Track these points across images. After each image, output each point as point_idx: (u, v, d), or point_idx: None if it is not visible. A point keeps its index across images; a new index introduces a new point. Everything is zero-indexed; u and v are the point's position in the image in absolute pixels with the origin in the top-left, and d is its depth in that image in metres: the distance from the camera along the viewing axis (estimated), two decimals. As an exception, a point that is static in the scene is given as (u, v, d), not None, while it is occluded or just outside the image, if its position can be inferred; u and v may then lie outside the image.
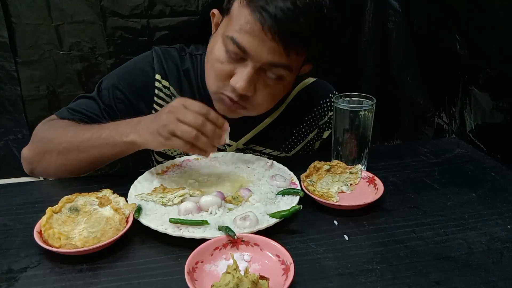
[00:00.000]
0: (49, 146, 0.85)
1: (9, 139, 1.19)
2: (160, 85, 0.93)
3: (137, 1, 1.11)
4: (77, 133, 0.83)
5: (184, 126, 0.71)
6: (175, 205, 0.76)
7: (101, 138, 0.80)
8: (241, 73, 0.79)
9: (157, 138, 0.74)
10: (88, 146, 0.81)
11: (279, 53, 0.77)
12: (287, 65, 0.79)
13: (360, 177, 0.85)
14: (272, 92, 0.84)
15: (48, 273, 0.62)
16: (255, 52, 0.77)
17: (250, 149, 0.99)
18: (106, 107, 0.91)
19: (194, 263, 0.60)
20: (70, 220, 0.70)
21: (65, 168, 0.86)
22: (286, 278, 0.58)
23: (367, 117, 0.85)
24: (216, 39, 0.83)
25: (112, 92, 0.92)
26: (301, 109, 1.00)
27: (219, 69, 0.81)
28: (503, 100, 0.96)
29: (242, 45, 0.77)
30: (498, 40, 0.94)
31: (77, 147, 0.82)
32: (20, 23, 1.08)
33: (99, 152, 0.82)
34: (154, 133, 0.74)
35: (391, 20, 1.29)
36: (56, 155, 0.84)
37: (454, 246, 0.68)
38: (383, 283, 0.60)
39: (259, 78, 0.80)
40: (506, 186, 0.86)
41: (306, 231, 0.72)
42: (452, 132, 1.19)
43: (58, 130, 0.86)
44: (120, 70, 0.96)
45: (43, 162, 0.86)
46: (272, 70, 0.80)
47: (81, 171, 0.88)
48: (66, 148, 0.83)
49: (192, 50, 0.98)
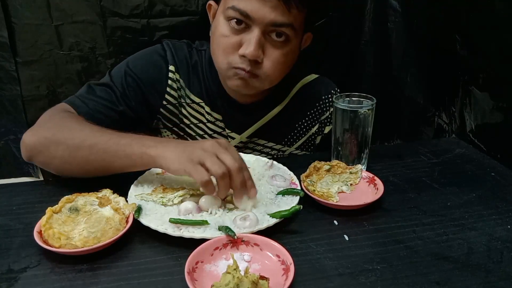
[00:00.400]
0: (58, 138, 0.77)
1: (9, 139, 1.18)
2: (174, 77, 0.94)
3: (137, 1, 1.11)
4: (94, 132, 0.77)
5: (218, 162, 0.68)
6: (175, 205, 0.76)
7: (119, 145, 0.74)
8: (248, 40, 0.81)
9: (182, 158, 0.69)
10: (102, 148, 0.75)
11: (281, 11, 0.78)
12: (290, 23, 0.81)
13: (360, 177, 0.85)
14: (280, 57, 0.85)
15: (48, 273, 0.63)
16: (257, 14, 0.78)
17: (253, 142, 1.00)
18: (121, 94, 0.89)
19: (194, 263, 0.60)
20: (70, 220, 0.70)
21: (69, 166, 0.79)
22: (286, 278, 0.58)
23: (367, 117, 0.85)
24: (217, 20, 0.85)
25: (125, 79, 0.91)
26: (304, 104, 1.01)
27: (226, 43, 0.83)
28: (503, 100, 0.96)
29: (244, 9, 0.78)
30: (498, 40, 0.95)
31: (89, 146, 0.75)
32: (20, 23, 1.08)
33: (110, 158, 0.75)
34: (185, 154, 0.69)
35: (391, 20, 1.29)
36: (64, 149, 0.77)
37: (454, 246, 0.68)
38: (383, 283, 0.60)
39: (266, 42, 0.82)
40: (506, 186, 0.86)
41: (306, 231, 0.72)
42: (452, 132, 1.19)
43: (72, 123, 0.80)
44: (131, 59, 0.95)
45: (46, 153, 0.79)
46: (276, 31, 0.81)
47: (83, 173, 0.81)
48: (77, 145, 0.76)
49: (197, 45, 1.00)
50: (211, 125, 0.98)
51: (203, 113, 0.98)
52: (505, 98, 0.96)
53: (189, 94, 0.96)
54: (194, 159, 0.68)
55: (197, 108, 0.97)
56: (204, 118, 0.98)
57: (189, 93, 0.96)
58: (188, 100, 0.96)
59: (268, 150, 1.01)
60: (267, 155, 1.02)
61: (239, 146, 0.99)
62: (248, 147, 1.01)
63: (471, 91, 1.06)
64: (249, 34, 0.81)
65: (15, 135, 1.18)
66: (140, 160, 0.73)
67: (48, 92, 1.16)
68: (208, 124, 0.98)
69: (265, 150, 1.01)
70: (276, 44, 0.84)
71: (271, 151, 1.01)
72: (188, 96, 0.96)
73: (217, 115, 0.97)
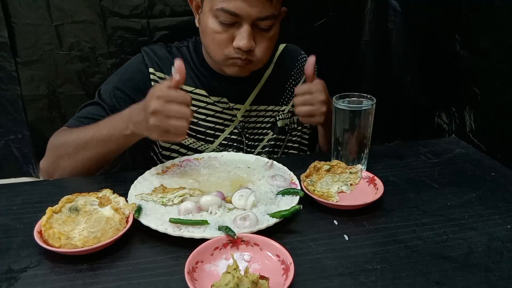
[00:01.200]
0: (60, 152, 0.91)
1: (9, 139, 1.19)
2: (155, 77, 1.01)
3: (137, 1, 1.11)
4: (79, 135, 0.89)
5: (175, 122, 0.78)
6: (175, 205, 0.76)
7: (103, 136, 0.86)
8: (240, 34, 0.89)
9: (151, 134, 0.81)
10: (92, 144, 0.87)
11: (264, 5, 0.88)
12: (273, 14, 0.90)
13: (360, 177, 0.85)
14: (268, 42, 0.95)
15: (48, 273, 0.63)
16: (245, 12, 0.87)
17: (256, 110, 1.07)
18: (111, 108, 0.96)
19: (194, 263, 0.60)
20: (70, 220, 0.70)
21: (78, 169, 0.91)
22: (286, 278, 0.58)
23: (367, 117, 0.85)
24: (206, 17, 0.92)
25: (113, 94, 0.98)
26: (286, 66, 1.12)
27: (219, 39, 0.91)
28: (503, 100, 0.96)
29: (233, 10, 0.87)
30: (498, 40, 0.95)
31: (83, 147, 0.88)
32: (20, 23, 1.08)
33: (106, 149, 0.88)
34: (145, 127, 0.80)
35: (391, 20, 1.29)
36: (67, 158, 0.90)
37: (454, 246, 0.68)
38: (383, 283, 0.60)
39: (255, 32, 0.91)
40: (506, 186, 0.86)
41: (306, 231, 0.72)
42: (452, 132, 1.19)
43: (66, 136, 0.93)
44: (115, 74, 1.04)
45: (58, 169, 0.92)
46: (262, 23, 0.91)
47: (93, 168, 0.93)
48: (74, 150, 0.89)
49: (177, 44, 1.07)
50: (212, 106, 1.03)
51: (200, 98, 1.03)
52: (505, 98, 0.95)
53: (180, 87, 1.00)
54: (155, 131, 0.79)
55: (193, 96, 1.02)
56: (203, 103, 1.03)
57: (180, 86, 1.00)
58: None
59: (270, 113, 1.09)
60: (270, 117, 1.09)
61: (245, 115, 1.06)
62: (253, 115, 1.07)
63: (471, 91, 1.06)
64: (240, 28, 0.90)
65: (15, 135, 1.18)
66: (128, 139, 0.86)
67: (48, 92, 1.16)
68: (209, 106, 1.03)
69: (268, 114, 1.09)
70: (264, 32, 0.93)
71: (273, 113, 1.09)
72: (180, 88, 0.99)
73: (215, 98, 1.03)
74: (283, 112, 1.10)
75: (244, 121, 1.06)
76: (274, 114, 1.09)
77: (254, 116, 1.08)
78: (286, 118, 1.10)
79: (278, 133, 1.10)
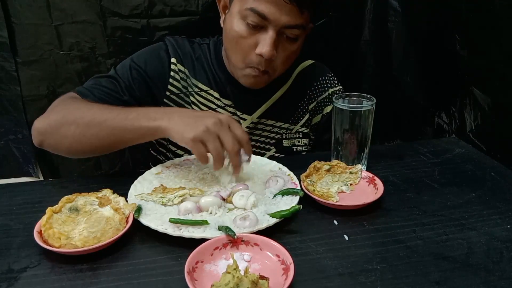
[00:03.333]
0: (69, 119, 0.82)
1: (9, 139, 1.18)
2: (175, 68, 1.00)
3: (137, 1, 1.11)
4: (102, 110, 0.82)
5: (219, 146, 0.75)
6: (175, 205, 0.76)
7: (127, 119, 0.79)
8: (264, 40, 0.87)
9: (187, 134, 0.74)
10: (111, 124, 0.80)
11: (295, 14, 0.85)
12: (301, 25, 0.87)
13: (360, 177, 0.85)
14: (289, 53, 0.92)
15: (48, 273, 0.63)
16: (274, 17, 0.84)
17: (263, 123, 1.05)
18: (126, 86, 0.94)
19: (194, 263, 0.60)
20: (70, 220, 0.70)
21: (80, 144, 0.82)
22: (286, 278, 0.58)
23: (367, 117, 0.85)
24: (232, 18, 0.90)
25: (129, 72, 0.96)
26: (304, 84, 1.09)
27: (243, 43, 0.89)
28: (503, 100, 0.96)
29: (262, 12, 0.84)
30: (498, 40, 0.95)
31: (99, 123, 0.80)
32: (20, 23, 1.08)
33: (120, 134, 0.80)
34: (188, 128, 0.75)
35: (391, 20, 1.29)
36: (75, 128, 0.81)
37: (454, 246, 0.68)
38: (383, 283, 0.60)
39: (279, 41, 0.88)
40: (506, 186, 0.86)
41: (306, 231, 0.72)
42: (452, 132, 1.19)
43: (81, 104, 0.86)
44: (135, 55, 1.00)
45: (57, 135, 0.82)
46: (289, 32, 0.88)
47: (95, 150, 0.87)
48: (88, 123, 0.81)
49: (199, 40, 1.06)
50: (221, 110, 1.02)
51: (213, 100, 1.02)
52: (505, 98, 0.96)
53: (196, 83, 1.01)
54: (196, 137, 0.74)
55: (206, 96, 1.02)
56: (214, 105, 1.02)
57: (196, 82, 1.01)
58: (196, 89, 1.01)
59: (277, 130, 1.06)
60: (276, 134, 1.07)
61: (250, 127, 1.04)
62: (259, 128, 1.05)
63: (471, 91, 1.06)
64: (265, 34, 0.87)
65: (15, 135, 1.18)
66: (148, 132, 0.79)
67: (48, 92, 1.16)
68: (218, 109, 1.02)
69: (274, 130, 1.06)
70: (288, 43, 0.90)
71: (280, 130, 1.07)
72: (195, 85, 1.01)
73: (227, 101, 1.02)
74: (290, 131, 1.07)
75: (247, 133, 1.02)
76: (281, 132, 1.06)
77: (259, 129, 1.05)
78: (292, 138, 1.07)
79: (281, 152, 1.06)
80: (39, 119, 0.86)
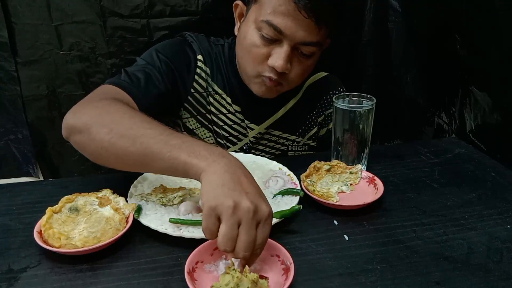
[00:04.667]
0: (104, 120, 0.70)
1: (9, 139, 1.18)
2: (202, 66, 0.98)
3: (137, 1, 1.11)
4: (143, 123, 0.69)
5: (231, 236, 0.56)
6: (175, 205, 0.76)
7: (167, 144, 0.64)
8: (278, 53, 0.84)
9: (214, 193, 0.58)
10: (147, 143, 0.65)
11: (311, 31, 0.82)
12: (317, 42, 0.85)
13: (360, 177, 0.85)
14: (305, 68, 0.90)
15: (48, 273, 0.63)
16: (290, 32, 0.82)
17: (269, 133, 1.04)
18: (160, 73, 0.90)
19: (194, 263, 0.60)
20: (70, 220, 0.70)
21: (106, 153, 0.69)
22: (286, 278, 0.58)
23: (367, 117, 0.85)
24: (247, 27, 0.88)
25: (159, 62, 0.91)
26: (314, 97, 1.07)
27: (256, 53, 0.86)
28: (503, 100, 0.96)
29: (278, 26, 0.81)
30: (498, 40, 0.94)
31: (134, 137, 0.66)
32: (20, 23, 1.08)
33: (152, 157, 0.65)
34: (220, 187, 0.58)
35: (391, 20, 1.29)
36: (106, 133, 0.68)
37: (454, 246, 0.68)
38: (383, 283, 0.60)
39: (293, 55, 0.86)
40: (506, 186, 0.86)
41: (306, 231, 0.72)
42: (452, 132, 1.19)
43: (124, 108, 0.73)
44: (159, 47, 0.95)
45: (86, 134, 0.70)
46: (305, 48, 0.86)
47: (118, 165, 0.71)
48: (122, 132, 0.67)
49: (213, 40, 1.04)
50: (231, 115, 1.02)
51: (225, 104, 1.01)
52: (505, 98, 0.96)
53: (213, 85, 1.00)
54: (217, 210, 0.57)
55: (219, 99, 1.01)
56: (225, 109, 1.01)
57: (213, 84, 1.00)
58: (212, 91, 1.00)
59: (283, 141, 1.05)
60: (282, 145, 1.06)
61: (256, 137, 1.03)
62: (265, 138, 1.04)
63: (471, 91, 1.06)
64: (279, 47, 0.85)
65: (15, 135, 1.18)
66: (183, 167, 0.63)
67: (48, 92, 1.16)
68: (229, 115, 1.01)
69: (280, 141, 1.05)
70: (303, 58, 0.88)
71: (286, 141, 1.06)
72: (212, 86, 1.00)
73: (237, 107, 1.01)
74: (297, 143, 1.06)
75: (253, 142, 1.03)
76: (287, 143, 1.05)
77: (265, 139, 1.05)
78: (299, 150, 1.06)
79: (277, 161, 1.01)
80: (71, 113, 0.75)
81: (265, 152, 1.05)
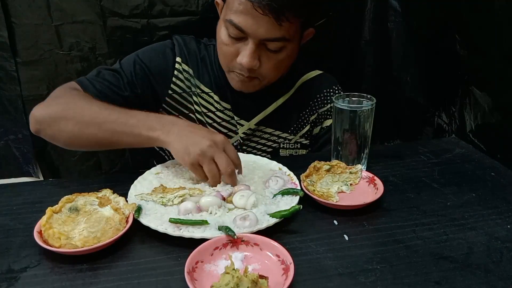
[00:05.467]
0: (68, 114, 0.83)
1: (9, 139, 1.19)
2: (180, 68, 1.00)
3: (137, 1, 1.11)
4: (102, 110, 0.83)
5: (214, 168, 0.78)
6: (175, 205, 0.76)
7: (127, 125, 0.80)
8: (244, 50, 0.87)
9: (183, 153, 0.78)
10: (111, 127, 0.81)
11: (272, 27, 0.83)
12: (282, 37, 0.86)
13: (360, 177, 0.85)
14: (277, 62, 0.91)
15: (48, 273, 0.63)
16: (252, 30, 0.84)
17: (261, 130, 1.05)
18: (129, 81, 0.95)
19: (194, 263, 0.60)
20: (70, 220, 0.70)
21: (77, 140, 0.84)
22: (286, 278, 0.58)
23: (367, 117, 0.85)
24: (220, 25, 0.91)
25: (133, 68, 0.97)
26: (307, 95, 1.07)
27: (226, 51, 0.90)
28: (503, 100, 0.96)
29: (239, 25, 0.84)
30: (498, 40, 0.94)
31: (98, 124, 0.81)
32: (20, 23, 1.08)
33: (118, 137, 0.81)
34: (184, 147, 0.77)
35: (391, 20, 1.29)
36: (74, 125, 0.82)
37: (454, 246, 0.68)
38: (383, 283, 0.60)
39: (261, 51, 0.88)
40: (506, 186, 0.86)
41: (306, 231, 0.72)
42: (452, 132, 1.19)
43: (82, 101, 0.85)
44: (141, 50, 1.01)
45: (55, 128, 0.83)
46: (270, 44, 0.87)
47: (93, 147, 0.90)
48: (87, 122, 0.81)
49: (206, 41, 1.06)
50: (220, 113, 1.02)
51: (212, 102, 1.02)
52: (505, 98, 0.95)
53: (199, 84, 1.02)
54: (194, 162, 0.77)
55: (207, 98, 1.02)
56: (213, 107, 1.02)
57: (199, 83, 1.02)
58: (198, 90, 1.02)
59: (275, 138, 1.05)
60: (273, 143, 1.06)
61: (247, 133, 1.03)
62: (256, 135, 1.04)
63: (471, 91, 1.06)
64: (245, 45, 0.87)
65: (15, 135, 1.18)
66: (147, 141, 0.81)
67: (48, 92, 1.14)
68: (217, 112, 1.02)
69: (272, 138, 1.05)
70: (271, 53, 0.89)
71: (278, 139, 1.05)
72: (198, 86, 1.02)
73: (226, 104, 1.02)
74: (289, 141, 1.06)
75: (244, 139, 1.04)
76: (279, 141, 1.05)
77: (257, 136, 1.05)
78: (291, 148, 1.06)
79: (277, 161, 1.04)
80: (38, 107, 0.85)
81: (257, 149, 1.05)
